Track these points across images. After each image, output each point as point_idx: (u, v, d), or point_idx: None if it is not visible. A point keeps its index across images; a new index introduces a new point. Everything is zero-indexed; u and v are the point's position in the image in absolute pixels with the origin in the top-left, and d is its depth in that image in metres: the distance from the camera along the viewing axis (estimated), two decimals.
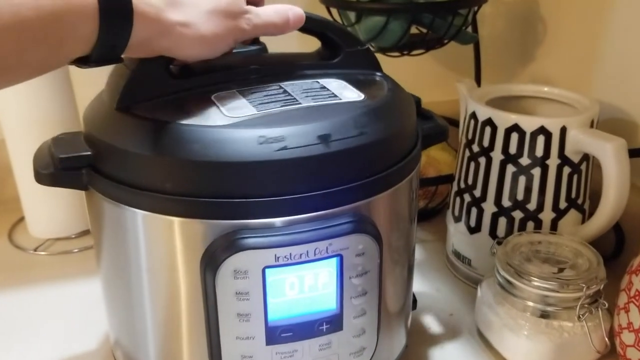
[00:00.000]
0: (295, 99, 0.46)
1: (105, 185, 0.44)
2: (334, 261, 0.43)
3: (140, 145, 0.42)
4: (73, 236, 0.79)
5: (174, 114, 0.43)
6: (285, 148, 0.40)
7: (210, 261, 0.42)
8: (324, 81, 0.50)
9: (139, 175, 0.43)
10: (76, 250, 0.77)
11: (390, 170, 0.46)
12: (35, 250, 0.77)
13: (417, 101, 0.57)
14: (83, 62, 0.40)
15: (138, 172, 0.43)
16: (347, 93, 0.48)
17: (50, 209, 0.78)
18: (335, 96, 0.47)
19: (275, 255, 0.41)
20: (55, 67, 0.39)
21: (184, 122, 0.42)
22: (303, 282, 0.43)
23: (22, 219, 0.82)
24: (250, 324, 0.43)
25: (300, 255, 0.42)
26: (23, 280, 0.71)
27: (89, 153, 0.45)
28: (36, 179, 0.46)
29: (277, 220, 0.42)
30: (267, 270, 0.42)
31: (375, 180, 0.45)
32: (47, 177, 0.46)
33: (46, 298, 0.68)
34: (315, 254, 0.42)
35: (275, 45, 0.54)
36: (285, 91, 0.47)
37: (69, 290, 0.69)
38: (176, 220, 0.42)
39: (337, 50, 0.52)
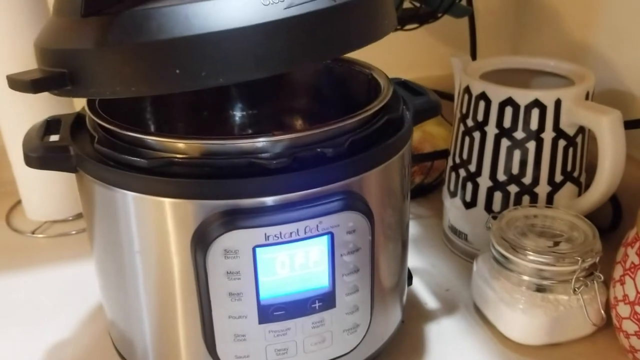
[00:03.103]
0: None
1: (95, 168, 0.44)
2: (324, 239, 0.43)
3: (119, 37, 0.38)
4: (70, 218, 0.79)
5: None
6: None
7: (200, 241, 0.41)
8: None
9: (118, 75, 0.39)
10: (74, 232, 0.77)
11: (381, 146, 0.46)
12: (32, 233, 0.77)
13: (403, 82, 0.57)
14: None
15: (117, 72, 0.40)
16: None
17: (46, 192, 0.78)
18: None
19: (265, 234, 0.41)
20: None
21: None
22: (294, 260, 0.43)
23: (19, 202, 0.82)
24: (242, 303, 0.43)
25: (291, 233, 0.42)
26: (21, 263, 0.71)
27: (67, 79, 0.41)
28: (26, 162, 0.46)
29: (268, 200, 0.42)
30: (257, 250, 0.42)
31: (366, 156, 0.44)
32: (36, 160, 0.45)
33: (44, 280, 0.68)
34: (305, 232, 0.42)
35: None
36: None
37: (67, 272, 0.70)
38: (166, 201, 0.42)
39: None
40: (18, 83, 0.41)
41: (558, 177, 0.64)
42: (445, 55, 0.95)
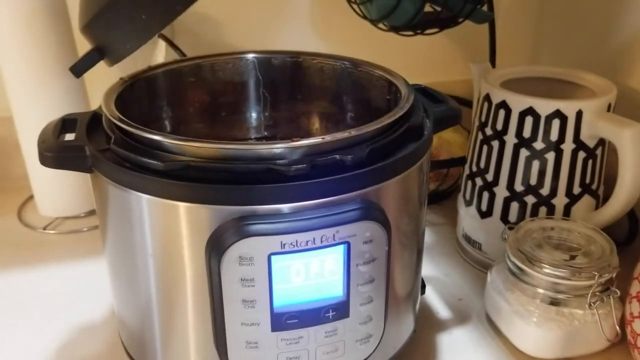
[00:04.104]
0: None
1: (110, 169, 0.44)
2: (340, 248, 0.42)
3: None
4: (82, 215, 0.79)
5: None
6: None
7: (215, 247, 0.41)
8: None
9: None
10: (85, 229, 0.77)
11: (400, 155, 0.45)
12: (44, 229, 0.77)
13: (423, 89, 0.56)
14: None
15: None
16: None
17: (59, 188, 0.78)
18: None
19: (281, 242, 0.41)
20: None
21: None
22: (309, 269, 0.43)
23: (31, 197, 0.82)
24: (255, 310, 0.43)
25: (307, 242, 0.41)
26: (32, 259, 0.71)
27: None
28: (40, 161, 0.46)
29: (284, 207, 0.41)
30: (272, 257, 0.41)
31: (385, 165, 0.44)
32: (51, 159, 0.45)
33: (55, 277, 0.68)
34: (322, 241, 0.41)
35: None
36: None
37: (77, 269, 0.69)
38: (182, 205, 0.42)
39: None
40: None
41: (576, 189, 0.63)
42: (463, 60, 0.94)
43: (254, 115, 0.64)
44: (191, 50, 0.82)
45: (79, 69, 0.50)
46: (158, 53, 0.79)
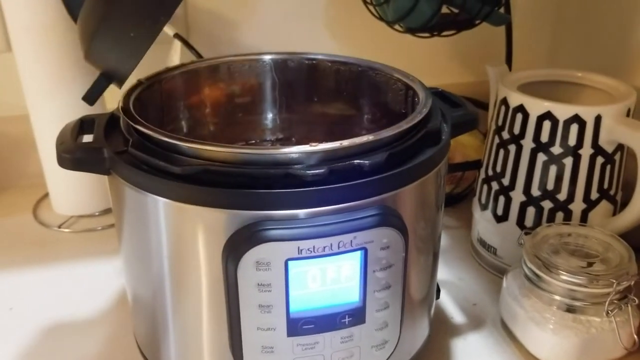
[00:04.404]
0: None
1: (128, 172, 0.44)
2: (358, 254, 0.42)
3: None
4: (97, 214, 0.79)
5: None
6: None
7: (232, 252, 0.41)
8: None
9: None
10: (99, 228, 0.77)
11: (418, 161, 0.45)
12: (59, 227, 0.77)
13: (440, 92, 0.56)
14: None
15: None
16: None
17: (74, 186, 0.78)
18: None
19: (299, 247, 0.41)
20: None
21: None
22: (326, 274, 0.43)
23: (46, 195, 0.82)
24: (271, 315, 0.43)
25: (324, 248, 0.41)
26: (46, 258, 0.71)
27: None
28: (59, 163, 0.46)
29: (302, 212, 0.41)
30: (289, 263, 0.41)
31: (404, 171, 0.43)
32: (69, 161, 0.45)
33: (69, 275, 0.69)
34: (339, 247, 0.41)
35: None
36: None
37: (91, 268, 0.70)
38: (198, 209, 0.41)
39: None
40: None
41: (594, 195, 0.62)
42: (478, 62, 0.93)
43: (269, 117, 0.64)
44: (206, 50, 0.82)
45: (91, 97, 0.49)
46: (173, 53, 0.79)
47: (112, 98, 0.51)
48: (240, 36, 0.89)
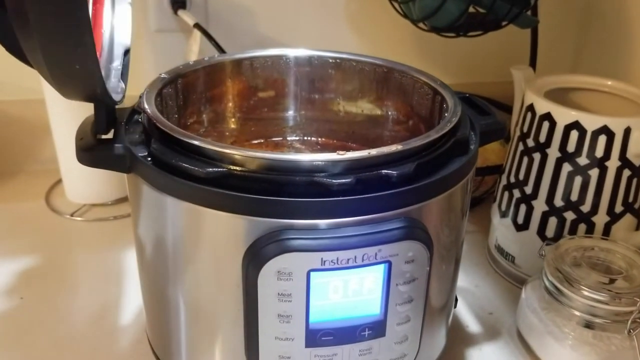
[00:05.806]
0: None
1: (149, 172, 0.42)
2: (381, 267, 0.41)
3: None
4: (109, 203, 0.78)
5: None
6: None
7: (254, 259, 0.40)
8: None
9: None
10: (112, 217, 0.76)
11: (447, 172, 0.43)
12: (71, 215, 0.76)
13: (467, 98, 0.54)
14: None
15: None
16: None
17: (87, 174, 0.76)
18: None
19: (322, 259, 0.40)
20: None
21: None
22: (348, 286, 0.42)
23: (59, 181, 0.81)
24: (290, 325, 0.42)
25: (348, 260, 0.40)
26: (58, 246, 0.71)
27: None
28: (78, 159, 0.45)
29: (325, 222, 0.40)
30: (312, 274, 0.40)
31: (431, 183, 0.42)
32: (89, 158, 0.44)
33: (81, 265, 0.68)
34: (363, 260, 0.40)
35: None
36: None
37: (103, 258, 0.69)
38: (220, 214, 0.40)
39: None
40: None
41: (618, 208, 0.61)
42: (499, 62, 0.92)
43: (290, 114, 0.63)
44: (224, 40, 0.81)
45: (101, 128, 0.45)
46: (193, 42, 0.78)
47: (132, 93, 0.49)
48: (259, 28, 0.87)
